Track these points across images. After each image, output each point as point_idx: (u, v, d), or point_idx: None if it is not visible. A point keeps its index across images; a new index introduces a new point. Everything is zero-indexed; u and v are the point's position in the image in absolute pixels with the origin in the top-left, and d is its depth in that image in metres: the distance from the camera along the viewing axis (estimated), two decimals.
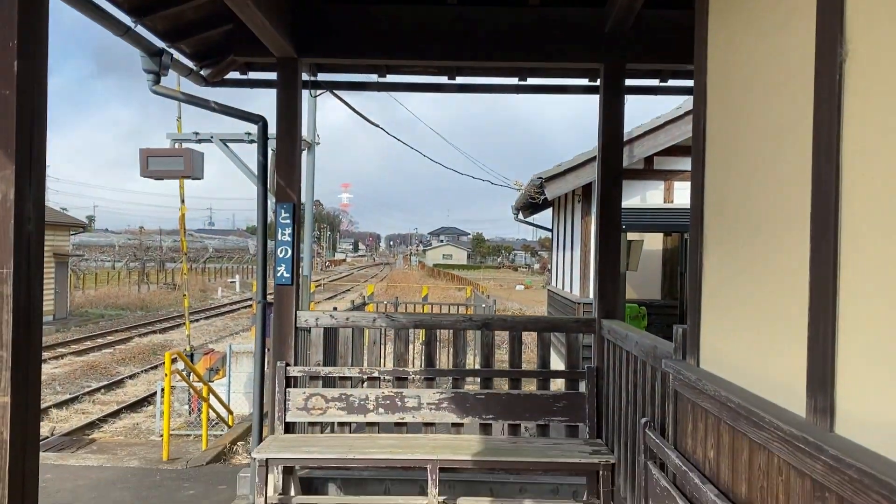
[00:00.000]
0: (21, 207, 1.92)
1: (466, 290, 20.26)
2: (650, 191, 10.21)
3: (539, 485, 5.19)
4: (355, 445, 4.78)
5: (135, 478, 6.29)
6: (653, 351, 3.68)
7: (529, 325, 5.32)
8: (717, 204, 2.84)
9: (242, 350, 12.70)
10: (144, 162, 7.31)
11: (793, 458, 1.96)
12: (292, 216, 5.10)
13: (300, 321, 5.18)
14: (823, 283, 1.93)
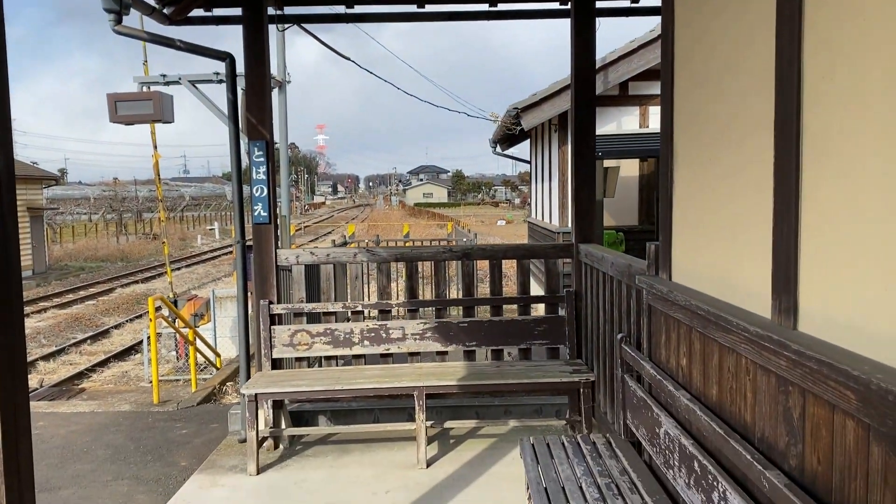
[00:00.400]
0: None
1: (448, 226, 20.30)
2: (625, 117, 10.19)
3: (522, 406, 5.35)
4: (343, 377, 4.88)
5: (127, 421, 6.39)
6: (627, 269, 3.77)
7: (509, 253, 5.38)
8: (687, 122, 2.87)
9: (226, 295, 12.74)
10: (113, 107, 7.16)
11: (759, 358, 2.05)
12: (266, 154, 5.07)
13: (281, 259, 5.21)
14: (787, 192, 1.99)
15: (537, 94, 10.05)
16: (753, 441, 2.14)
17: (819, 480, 1.76)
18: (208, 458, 4.99)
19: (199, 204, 69.45)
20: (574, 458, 3.31)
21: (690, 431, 2.59)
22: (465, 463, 4.70)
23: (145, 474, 4.93)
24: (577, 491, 2.96)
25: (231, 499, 4.28)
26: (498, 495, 4.18)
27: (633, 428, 3.29)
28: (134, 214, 50.77)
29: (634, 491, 2.92)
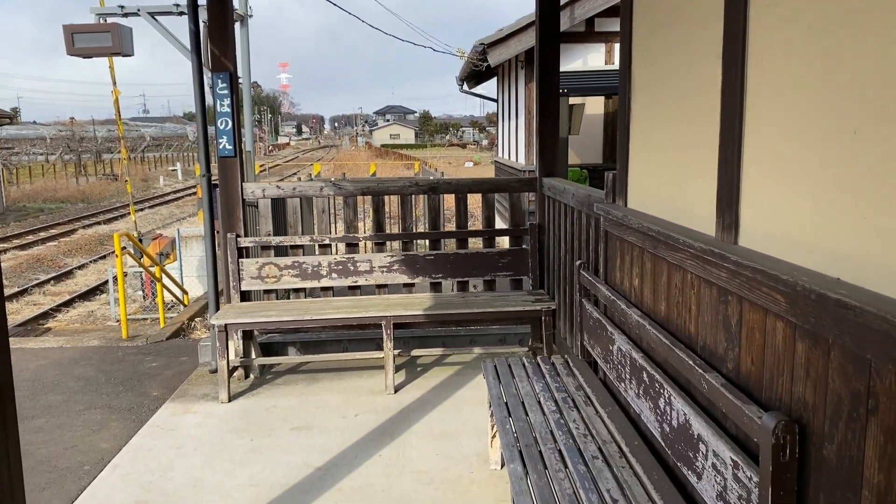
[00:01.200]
0: None
1: (415, 166, 20.26)
2: (591, 54, 10.21)
3: (487, 335, 5.54)
4: (311, 308, 4.99)
5: (96, 355, 6.44)
6: (587, 199, 3.89)
7: (474, 188, 5.47)
8: (643, 53, 2.96)
9: (191, 234, 12.67)
10: (70, 39, 6.98)
11: (702, 272, 2.19)
12: (230, 87, 5.04)
13: (247, 193, 5.24)
14: (731, 118, 2.10)
15: (504, 30, 9.99)
16: (696, 349, 2.31)
17: (752, 379, 1.93)
18: (180, 388, 5.10)
19: (160, 144, 67.85)
20: (533, 377, 3.49)
21: (641, 346, 2.76)
22: (432, 388, 4.88)
23: (117, 404, 5.02)
24: (535, 404, 3.14)
25: (204, 424, 4.41)
26: (462, 416, 4.37)
27: (590, 348, 3.47)
28: (93, 155, 49.49)
29: (589, 403, 3.11)
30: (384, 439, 4.11)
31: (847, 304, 1.43)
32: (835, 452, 1.54)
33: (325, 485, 3.59)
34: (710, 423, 2.03)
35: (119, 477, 3.77)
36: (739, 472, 1.81)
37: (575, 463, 2.57)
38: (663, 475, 2.41)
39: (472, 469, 3.71)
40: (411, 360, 5.44)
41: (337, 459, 3.87)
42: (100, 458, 4.09)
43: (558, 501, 2.32)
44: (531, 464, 2.58)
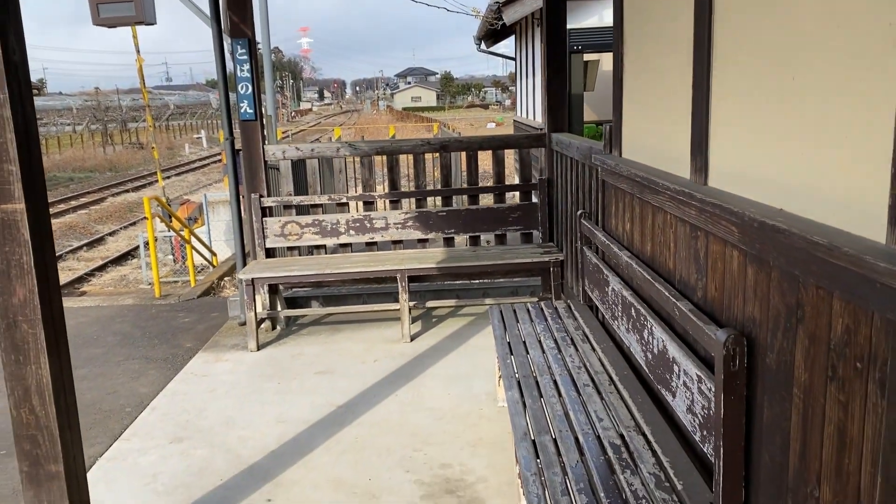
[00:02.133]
0: (6, 39, 2.17)
1: (434, 128, 20.38)
2: (607, 10, 10.21)
3: (499, 288, 5.79)
4: (331, 263, 5.27)
5: (132, 313, 6.82)
6: (588, 151, 4.08)
7: (485, 144, 5.67)
8: (632, 13, 3.12)
9: (218, 199, 13.01)
10: (95, 9, 7.20)
11: (678, 211, 2.41)
12: (249, 52, 5.26)
13: (268, 155, 5.49)
14: (701, 70, 2.29)
15: None
16: (674, 283, 2.53)
17: (715, 304, 2.16)
18: (211, 339, 5.44)
19: (183, 112, 68.39)
20: (536, 320, 3.74)
21: (631, 285, 2.98)
22: (445, 337, 5.16)
23: (154, 354, 5.38)
24: (535, 343, 3.39)
25: (235, 370, 4.74)
26: (473, 360, 4.64)
27: (589, 292, 3.70)
28: (119, 124, 50.09)
29: (586, 341, 3.35)
30: (401, 381, 4.40)
31: (780, 228, 1.65)
32: (774, 360, 1.77)
33: (347, 420, 3.90)
34: (681, 346, 2.27)
35: (158, 417, 4.11)
36: (703, 384, 2.05)
37: (567, 390, 2.83)
38: (647, 398, 2.66)
39: (481, 406, 3.99)
40: (426, 312, 5.71)
41: (357, 399, 4.17)
42: (139, 401, 4.44)
43: (550, 421, 2.59)
44: (527, 391, 2.85)
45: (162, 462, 3.57)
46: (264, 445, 3.68)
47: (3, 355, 2.37)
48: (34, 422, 2.40)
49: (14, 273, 2.30)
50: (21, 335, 2.34)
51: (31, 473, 2.43)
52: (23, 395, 2.38)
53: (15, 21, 2.23)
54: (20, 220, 2.27)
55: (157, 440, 3.81)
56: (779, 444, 1.76)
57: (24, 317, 2.33)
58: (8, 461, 3.85)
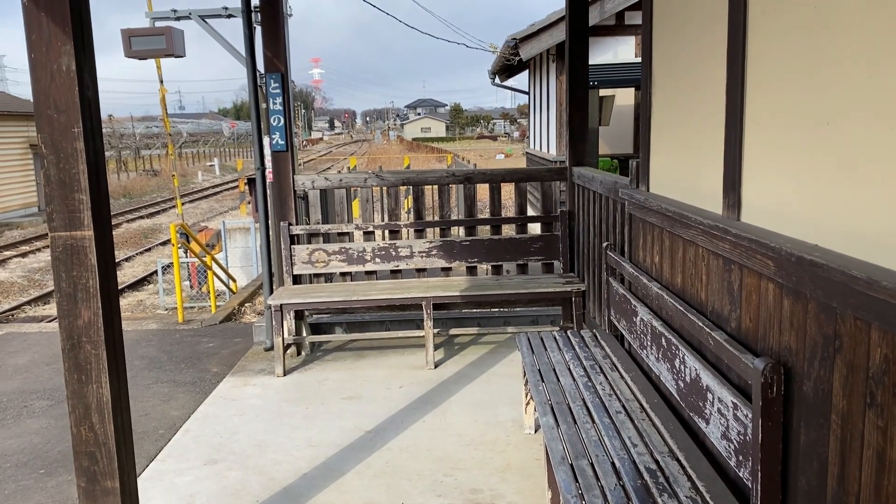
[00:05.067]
0: (81, 76, 2.33)
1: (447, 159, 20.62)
2: (622, 46, 10.44)
3: (520, 316, 5.89)
4: (357, 290, 5.39)
5: (156, 337, 6.94)
6: (614, 186, 4.21)
7: (508, 177, 5.81)
8: (662, 50, 3.27)
9: (235, 226, 13.22)
10: (127, 42, 7.45)
11: (710, 245, 2.52)
12: (282, 86, 5.44)
13: (297, 184, 5.65)
14: (734, 110, 2.42)
15: (535, 25, 10.27)
16: (706, 314, 2.63)
17: (750, 334, 2.26)
18: (237, 364, 5.54)
19: (196, 140, 69.23)
20: (564, 348, 3.83)
21: (660, 315, 3.08)
22: (469, 364, 5.26)
23: (181, 378, 5.48)
24: (565, 371, 3.49)
25: (262, 395, 4.83)
26: (497, 388, 4.73)
27: (616, 322, 3.80)
28: (132, 151, 50.76)
29: (614, 369, 3.45)
30: (427, 407, 4.49)
31: (818, 262, 1.76)
32: (811, 387, 1.87)
33: (376, 445, 3.98)
34: (715, 374, 2.37)
35: (191, 439, 4.21)
36: (738, 411, 2.15)
37: (600, 416, 2.92)
38: (678, 425, 2.74)
39: (508, 433, 4.07)
40: (449, 339, 5.81)
41: (385, 424, 4.26)
42: (172, 423, 4.54)
43: (586, 446, 2.67)
44: (561, 417, 2.94)
45: (198, 483, 3.66)
46: (297, 468, 3.77)
47: (67, 374, 2.48)
48: (93, 439, 2.50)
49: (80, 296, 2.42)
50: (84, 356, 2.46)
51: (88, 489, 2.53)
52: (83, 412, 2.49)
53: (90, 61, 2.38)
54: (88, 247, 2.40)
55: (192, 462, 3.91)
56: (816, 468, 1.85)
57: (88, 338, 2.45)
58: (47, 480, 3.95)
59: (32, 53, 2.30)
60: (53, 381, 5.59)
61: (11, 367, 6.08)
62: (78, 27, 2.31)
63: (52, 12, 2.26)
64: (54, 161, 2.35)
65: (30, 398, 5.26)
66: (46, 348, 6.61)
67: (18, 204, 24.69)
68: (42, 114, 2.33)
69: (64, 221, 2.38)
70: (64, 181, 2.36)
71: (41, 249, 18.02)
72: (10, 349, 6.63)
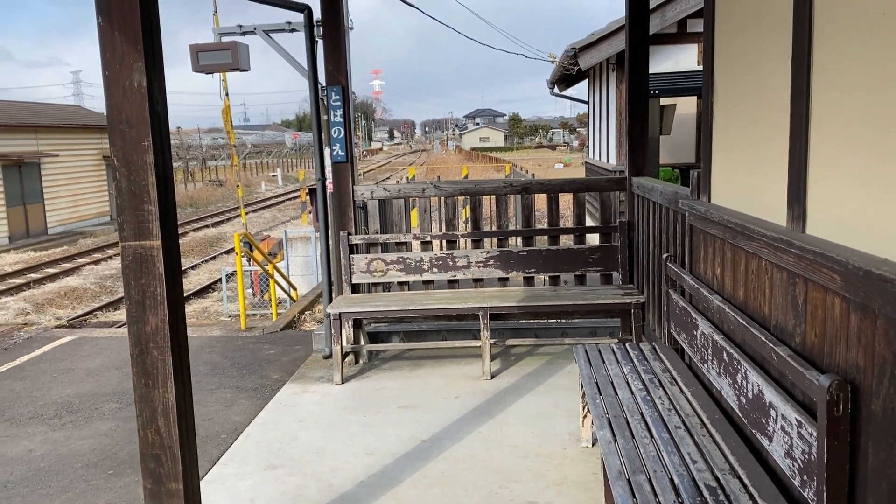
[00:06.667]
0: (152, 92, 2.43)
1: (505, 168, 20.60)
2: (683, 55, 10.27)
3: (578, 328, 5.83)
4: (414, 299, 5.43)
5: (219, 344, 7.13)
6: (674, 196, 4.14)
7: (566, 187, 5.78)
8: (723, 59, 3.21)
9: (297, 235, 13.49)
10: (195, 57, 7.70)
11: (774, 258, 2.46)
12: (342, 98, 5.55)
13: (357, 195, 5.73)
14: (799, 120, 2.35)
15: (595, 34, 10.20)
16: (769, 328, 2.56)
17: (815, 349, 2.19)
18: (297, 372, 5.64)
19: (260, 151, 71.02)
20: (622, 361, 3.78)
21: (722, 329, 3.01)
22: (525, 375, 5.23)
23: (243, 384, 5.62)
24: (623, 384, 3.44)
25: (321, 402, 4.91)
26: (554, 400, 4.69)
27: (676, 335, 3.73)
28: (199, 162, 52.36)
29: (674, 383, 3.38)
30: (483, 418, 4.48)
31: (887, 277, 1.69)
32: (880, 406, 1.80)
33: (432, 455, 4.00)
34: (779, 390, 2.30)
35: (252, 444, 4.30)
36: (803, 429, 2.08)
37: (659, 431, 2.86)
38: (740, 442, 2.67)
39: (564, 446, 4.03)
40: (505, 350, 5.79)
41: (441, 434, 4.27)
42: (233, 428, 4.65)
43: (643, 461, 2.63)
44: (619, 431, 2.90)
45: (258, 487, 3.74)
46: (354, 476, 3.81)
47: (134, 379, 2.58)
48: (159, 442, 2.59)
49: (148, 304, 2.52)
50: (151, 361, 2.55)
51: (154, 490, 2.61)
52: (150, 416, 2.58)
53: (160, 77, 2.48)
54: (156, 256, 2.50)
55: (253, 466, 3.99)
56: (886, 490, 1.78)
57: (155, 344, 2.54)
58: (115, 480, 4.10)
59: (106, 70, 2.41)
60: (122, 385, 5.80)
61: (83, 370, 6.33)
62: (149, 45, 2.41)
63: (125, 31, 2.37)
64: (125, 173, 2.45)
65: (100, 401, 5.47)
66: (116, 353, 6.87)
67: (92, 213, 25.77)
68: (115, 128, 2.44)
69: (134, 231, 2.48)
70: (134, 192, 2.46)
71: (112, 257, 18.74)
72: (82, 353, 6.91)
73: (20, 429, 4.96)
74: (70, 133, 25.02)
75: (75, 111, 30.76)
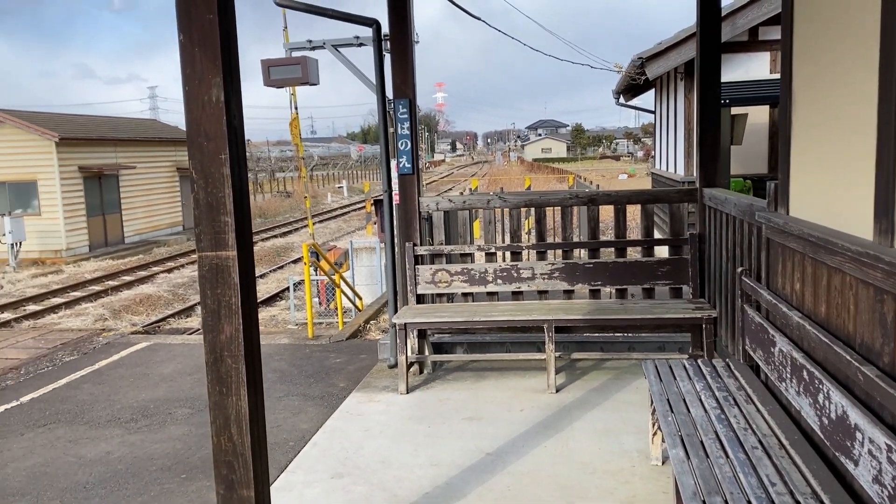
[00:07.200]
0: (229, 107, 2.49)
1: (569, 179, 20.44)
2: (754, 63, 10.00)
3: (646, 342, 5.70)
4: (479, 311, 5.41)
5: (287, 352, 7.26)
6: (749, 209, 4.02)
7: (634, 198, 5.68)
8: (802, 67, 3.10)
9: (362, 246, 13.67)
10: (266, 72, 7.91)
11: (860, 273, 2.35)
12: (409, 111, 5.60)
13: (422, 206, 5.77)
14: (888, 130, 2.25)
15: (663, 43, 10.04)
16: (854, 346, 2.45)
17: None
18: (363, 381, 5.69)
19: (326, 163, 72.37)
20: (694, 377, 3.68)
21: (801, 346, 2.90)
22: (591, 390, 5.14)
23: (311, 392, 5.71)
24: (696, 401, 3.34)
25: (386, 412, 4.94)
26: (621, 415, 4.60)
27: (751, 352, 3.61)
28: (268, 174, 53.69)
29: (749, 402, 3.26)
30: (548, 432, 4.42)
31: None
32: None
33: (497, 468, 3.97)
34: (865, 412, 2.19)
35: (319, 452, 4.36)
36: (892, 454, 1.97)
37: (735, 451, 2.77)
38: (821, 465, 2.56)
39: (633, 463, 3.94)
40: (569, 364, 5.71)
41: (506, 447, 4.24)
42: (301, 436, 4.72)
43: (719, 482, 2.54)
44: (692, 450, 2.81)
45: (325, 496, 3.78)
46: (419, 487, 3.81)
47: (209, 386, 2.64)
48: (231, 449, 2.64)
49: (223, 313, 2.58)
50: (225, 369, 2.61)
51: (226, 496, 2.67)
52: (223, 423, 2.64)
53: (237, 92, 2.55)
54: (232, 266, 2.56)
55: (320, 474, 4.04)
56: None
57: (230, 352, 2.60)
58: (188, 484, 4.21)
59: (186, 86, 2.49)
60: (194, 391, 5.96)
61: (158, 376, 6.54)
62: (227, 61, 2.48)
63: (205, 48, 2.44)
64: (203, 185, 2.53)
65: (173, 406, 5.64)
66: (188, 359, 7.07)
67: (166, 223, 26.69)
68: (193, 142, 2.51)
69: (210, 242, 2.54)
70: (211, 204, 2.53)
71: (184, 266, 19.36)
72: (157, 359, 7.15)
73: (99, 431, 5.16)
74: (146, 146, 26.01)
75: (151, 125, 32.00)
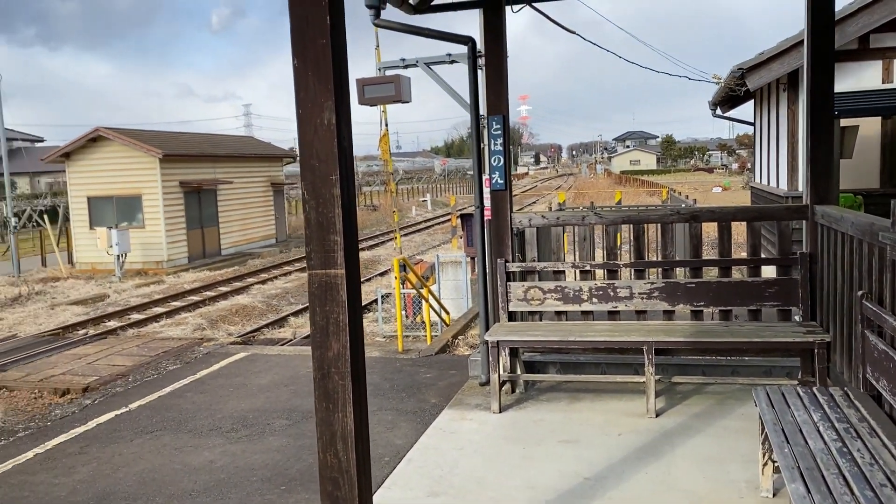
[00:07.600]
0: (339, 129, 2.53)
1: (662, 193, 19.92)
2: (865, 72, 9.47)
3: (751, 367, 5.44)
4: (573, 330, 5.31)
5: (378, 365, 7.33)
6: (870, 228, 3.78)
7: (739, 215, 5.46)
8: None
9: (448, 259, 13.72)
10: (361, 91, 8.06)
11: None
12: (503, 127, 5.58)
13: (514, 222, 5.72)
14: None
15: (765, 53, 9.66)
16: None
17: None
18: (455, 397, 5.67)
19: (411, 177, 73.39)
20: (810, 406, 3.47)
21: None
22: (692, 415, 4.95)
23: (403, 407, 5.73)
24: (814, 432, 3.15)
25: (480, 430, 4.90)
26: (727, 443, 4.39)
27: (873, 380, 3.38)
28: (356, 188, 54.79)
29: (874, 435, 3.05)
30: (648, 458, 4.27)
31: None
32: None
33: (596, 494, 3.86)
34: None
35: (414, 469, 4.36)
36: None
37: (861, 489, 2.58)
38: None
39: (741, 494, 3.75)
40: (669, 387, 5.51)
41: (604, 472, 4.12)
42: (396, 452, 4.74)
43: None
44: (814, 485, 2.64)
45: None
46: None
47: (316, 402, 2.68)
48: (337, 465, 2.67)
49: (331, 330, 2.61)
50: (333, 385, 2.64)
51: None
52: (329, 439, 2.67)
53: (346, 115, 2.59)
54: (340, 284, 2.59)
55: (416, 491, 4.04)
56: None
57: (337, 369, 2.62)
58: (287, 496, 4.28)
59: (300, 109, 2.54)
60: (291, 402, 6.09)
61: (256, 386, 6.73)
62: (338, 85, 2.52)
63: (318, 73, 2.49)
64: (314, 205, 2.57)
65: (271, 416, 5.78)
66: (285, 370, 7.25)
67: (259, 236, 27.62)
68: (306, 163, 2.57)
69: (320, 260, 2.58)
70: (322, 224, 2.57)
71: (277, 277, 19.95)
72: (254, 369, 7.36)
73: (202, 440, 5.34)
74: (242, 161, 27.04)
75: (248, 141, 33.29)
